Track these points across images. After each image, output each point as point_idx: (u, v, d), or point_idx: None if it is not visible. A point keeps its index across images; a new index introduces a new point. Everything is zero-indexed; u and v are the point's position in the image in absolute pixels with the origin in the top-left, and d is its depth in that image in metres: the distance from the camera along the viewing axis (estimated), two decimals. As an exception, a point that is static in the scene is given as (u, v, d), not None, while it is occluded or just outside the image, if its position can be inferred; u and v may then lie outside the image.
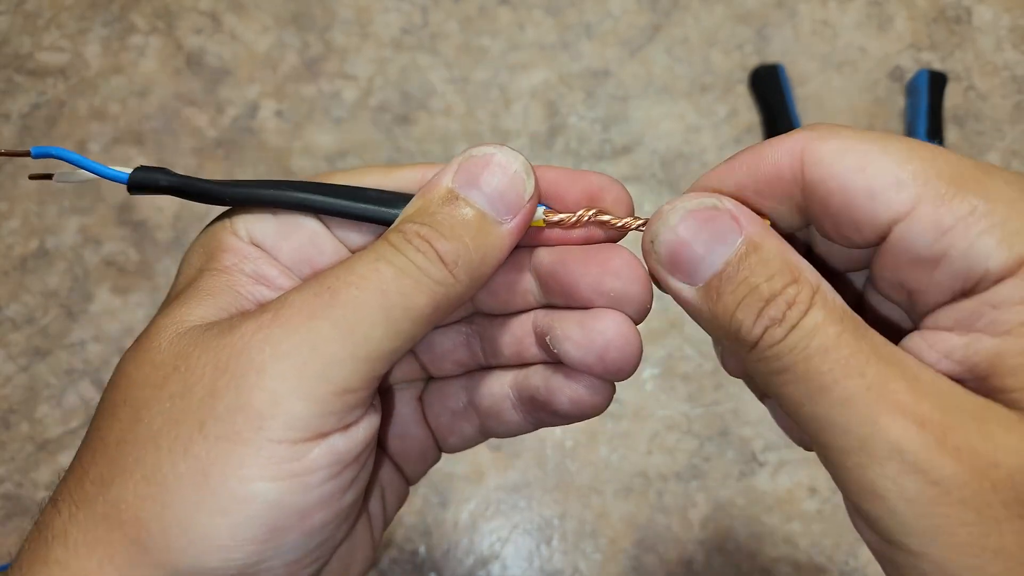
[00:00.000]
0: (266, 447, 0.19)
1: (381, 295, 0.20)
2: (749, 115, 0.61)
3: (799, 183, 0.21)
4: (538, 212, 0.23)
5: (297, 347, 0.20)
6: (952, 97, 0.61)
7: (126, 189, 0.23)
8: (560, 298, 0.24)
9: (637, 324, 0.23)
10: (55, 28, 0.62)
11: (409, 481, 0.28)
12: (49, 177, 0.23)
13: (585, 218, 0.23)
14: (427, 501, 0.52)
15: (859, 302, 0.25)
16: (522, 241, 0.23)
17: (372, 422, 0.22)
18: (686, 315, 0.23)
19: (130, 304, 0.56)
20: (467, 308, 0.26)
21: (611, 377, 0.23)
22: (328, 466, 0.20)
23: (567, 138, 0.60)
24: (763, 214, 0.22)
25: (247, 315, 0.21)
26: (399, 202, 0.23)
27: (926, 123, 0.58)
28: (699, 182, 0.23)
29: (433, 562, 0.51)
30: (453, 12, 0.63)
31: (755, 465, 0.53)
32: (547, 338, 0.24)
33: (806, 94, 0.61)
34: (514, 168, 0.22)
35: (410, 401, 0.27)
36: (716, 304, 0.20)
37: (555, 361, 0.24)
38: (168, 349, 0.21)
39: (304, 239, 0.23)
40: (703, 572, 0.51)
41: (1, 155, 0.23)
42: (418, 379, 0.27)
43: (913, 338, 0.21)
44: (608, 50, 0.62)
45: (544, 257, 0.24)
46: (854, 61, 0.62)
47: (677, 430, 0.54)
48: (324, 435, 0.20)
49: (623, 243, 0.24)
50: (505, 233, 0.22)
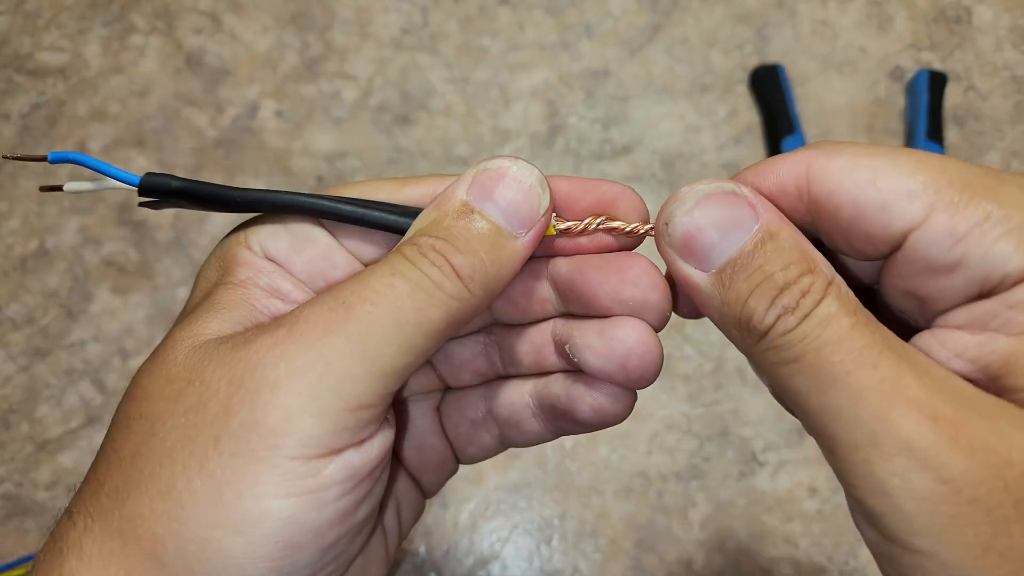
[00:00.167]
0: (280, 464, 0.19)
1: (396, 311, 0.20)
2: (749, 115, 0.61)
3: (804, 199, 0.21)
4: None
5: (312, 363, 0.19)
6: (952, 97, 0.61)
7: (137, 193, 0.23)
8: (579, 307, 0.24)
9: (657, 332, 0.23)
10: (55, 28, 0.62)
11: (426, 494, 0.28)
12: (59, 188, 0.23)
13: (593, 226, 0.23)
14: (427, 501, 0.52)
15: (867, 305, 0.25)
16: (537, 251, 0.23)
17: (386, 436, 0.22)
18: (686, 315, 0.23)
19: (130, 304, 0.56)
20: (485, 318, 0.26)
21: (633, 385, 0.23)
22: (343, 482, 0.20)
23: (567, 138, 0.60)
24: None
25: (262, 329, 0.21)
26: (411, 212, 0.23)
27: (926, 123, 0.58)
28: None
29: (433, 562, 0.51)
30: (453, 12, 0.63)
31: (755, 465, 0.53)
32: (566, 347, 0.23)
33: (806, 94, 0.61)
34: (529, 182, 0.22)
35: (428, 412, 0.27)
36: (728, 291, 0.20)
37: (575, 369, 0.24)
38: (183, 362, 0.21)
39: (317, 253, 0.23)
40: (703, 572, 0.51)
41: (17, 159, 0.23)
42: (436, 390, 0.27)
43: (924, 336, 0.20)
44: (608, 50, 0.62)
45: (561, 266, 0.24)
46: (854, 61, 0.62)
47: (677, 430, 0.54)
48: (338, 451, 0.20)
49: (640, 250, 0.24)
50: (520, 247, 0.22)
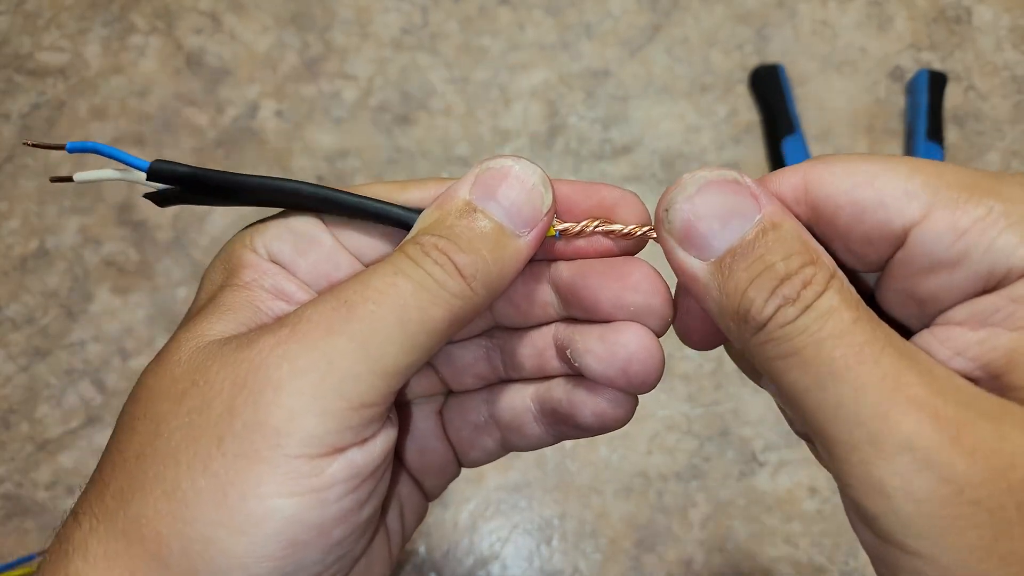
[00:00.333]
0: (284, 463, 0.19)
1: (399, 309, 0.20)
2: (749, 115, 0.61)
3: (803, 207, 0.20)
4: None
5: (314, 363, 0.19)
6: (952, 97, 0.61)
7: (145, 179, 0.23)
8: (580, 312, 0.24)
9: (659, 337, 0.23)
10: (55, 28, 0.62)
11: (428, 497, 0.28)
12: (69, 179, 0.23)
13: (590, 228, 0.23)
14: (427, 501, 0.52)
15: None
16: (538, 254, 0.23)
17: (389, 436, 0.22)
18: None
19: (130, 304, 0.56)
20: (487, 322, 0.26)
21: (634, 390, 0.23)
22: (346, 480, 0.20)
23: (567, 138, 0.60)
24: None
25: (265, 329, 0.21)
26: (413, 211, 0.23)
27: (926, 123, 0.58)
28: None
29: (433, 562, 0.51)
30: (453, 12, 0.63)
31: (755, 465, 0.53)
32: (568, 351, 0.24)
33: (806, 94, 0.61)
34: (532, 181, 0.22)
35: (430, 415, 0.27)
36: (727, 280, 0.20)
37: (576, 374, 0.24)
38: (187, 363, 0.21)
39: (321, 255, 0.23)
40: (703, 572, 0.51)
41: (37, 147, 0.23)
42: (438, 393, 0.27)
43: (923, 336, 0.20)
44: (608, 50, 0.62)
45: (563, 271, 0.24)
46: (854, 61, 0.62)
47: (677, 430, 0.54)
48: (341, 450, 0.20)
49: (642, 255, 0.24)
50: (522, 246, 0.22)
